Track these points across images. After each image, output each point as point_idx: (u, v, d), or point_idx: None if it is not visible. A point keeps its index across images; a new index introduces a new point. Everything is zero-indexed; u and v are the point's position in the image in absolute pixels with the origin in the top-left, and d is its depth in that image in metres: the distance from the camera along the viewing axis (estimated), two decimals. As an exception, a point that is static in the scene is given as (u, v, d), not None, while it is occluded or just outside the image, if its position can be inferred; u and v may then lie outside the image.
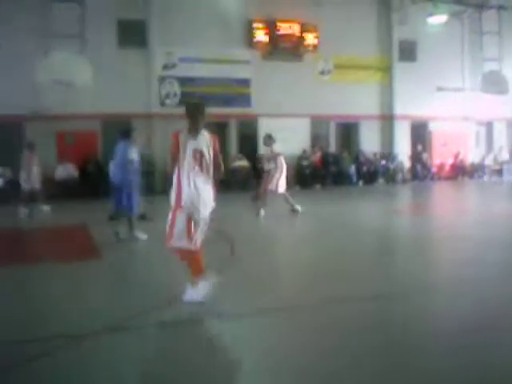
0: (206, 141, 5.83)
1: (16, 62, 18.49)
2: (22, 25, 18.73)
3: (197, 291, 5.70)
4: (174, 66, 21.21)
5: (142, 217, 10.88)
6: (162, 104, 21.05)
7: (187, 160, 5.69)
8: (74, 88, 17.03)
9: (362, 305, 5.81)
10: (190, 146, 5.72)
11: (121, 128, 10.52)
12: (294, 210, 13.19)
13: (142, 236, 9.82)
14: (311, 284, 6.71)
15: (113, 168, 10.16)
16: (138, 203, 9.96)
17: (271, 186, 13.16)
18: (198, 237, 5.80)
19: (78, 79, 16.61)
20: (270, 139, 13.43)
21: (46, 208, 15.10)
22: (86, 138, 19.34)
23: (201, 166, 5.72)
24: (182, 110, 18.99)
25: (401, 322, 5.35)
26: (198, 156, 5.72)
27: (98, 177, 17.53)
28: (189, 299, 5.72)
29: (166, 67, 21.15)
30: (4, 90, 18.41)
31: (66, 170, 18.74)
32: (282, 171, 13.24)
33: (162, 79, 21.14)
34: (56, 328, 5.25)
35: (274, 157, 13.16)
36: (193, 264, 5.81)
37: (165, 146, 19.85)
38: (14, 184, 18.67)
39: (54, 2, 18.37)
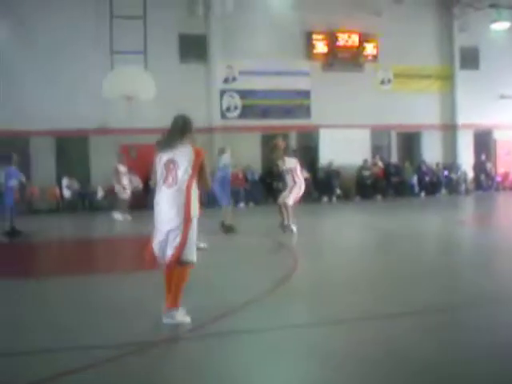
0: (186, 154, 5.60)
1: (82, 77, 19.19)
2: (88, 41, 19.43)
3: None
4: (234, 79, 21.51)
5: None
6: (224, 117, 21.34)
7: (160, 172, 5.62)
8: (138, 102, 17.44)
9: (432, 317, 5.75)
10: (165, 157, 5.62)
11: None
12: (283, 226, 11.98)
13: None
14: (387, 292, 6.68)
15: None
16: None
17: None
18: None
19: (142, 93, 17.01)
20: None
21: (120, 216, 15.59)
22: (149, 151, 19.77)
23: (174, 177, 5.54)
24: (242, 123, 19.48)
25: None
26: (172, 167, 5.56)
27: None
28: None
29: (226, 80, 21.47)
30: (71, 105, 19.11)
31: (133, 183, 19.21)
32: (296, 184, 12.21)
33: (223, 92, 21.44)
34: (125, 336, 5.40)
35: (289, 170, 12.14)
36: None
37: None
38: (80, 195, 19.35)
39: (118, 19, 18.93)
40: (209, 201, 13.56)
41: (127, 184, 16.45)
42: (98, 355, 4.85)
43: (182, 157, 5.57)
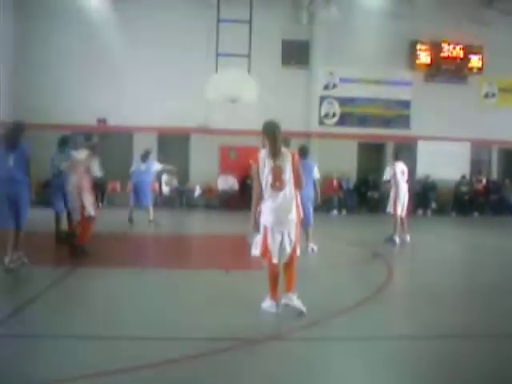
0: (285, 159, 5.98)
1: (186, 78, 19.81)
2: (194, 42, 20.03)
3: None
4: (334, 86, 21.53)
5: None
6: (321, 123, 21.40)
7: (266, 178, 5.94)
8: (241, 104, 17.78)
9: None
10: (270, 164, 5.93)
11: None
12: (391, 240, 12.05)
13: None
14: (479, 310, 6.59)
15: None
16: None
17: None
18: (276, 252, 6.00)
19: (245, 96, 17.31)
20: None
21: None
22: (248, 153, 20.06)
23: (281, 182, 5.92)
24: (340, 130, 19.34)
25: None
26: (278, 173, 5.91)
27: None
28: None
29: (326, 87, 21.52)
30: (175, 104, 19.76)
31: (227, 182, 19.65)
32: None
33: (323, 99, 21.50)
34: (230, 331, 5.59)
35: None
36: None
37: (321, 165, 20.24)
38: (179, 192, 19.95)
39: (224, 23, 19.35)
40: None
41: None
42: (203, 346, 5.08)
43: (286, 162, 5.96)
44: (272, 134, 5.99)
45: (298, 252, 6.15)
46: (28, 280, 7.66)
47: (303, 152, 10.50)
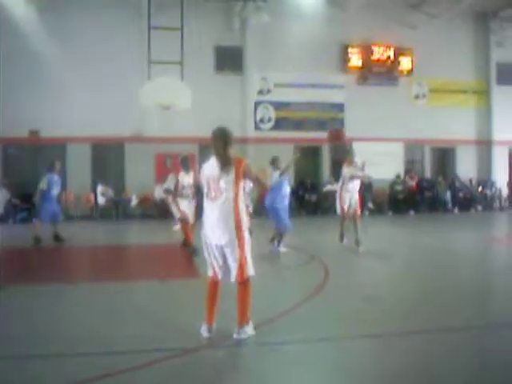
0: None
1: (119, 85, 19.52)
2: (126, 51, 19.79)
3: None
4: (268, 91, 21.64)
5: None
6: (257, 128, 21.46)
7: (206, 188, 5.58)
8: (174, 112, 17.65)
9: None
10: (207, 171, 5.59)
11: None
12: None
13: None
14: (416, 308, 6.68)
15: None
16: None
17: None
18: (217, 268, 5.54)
19: (179, 103, 17.19)
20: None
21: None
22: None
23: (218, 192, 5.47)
24: (276, 134, 19.47)
25: None
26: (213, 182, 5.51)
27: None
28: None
29: (261, 92, 21.60)
30: (108, 113, 19.44)
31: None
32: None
33: (258, 104, 21.56)
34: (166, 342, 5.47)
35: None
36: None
37: (257, 169, 20.26)
38: (115, 202, 19.63)
39: (156, 30, 19.17)
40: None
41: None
42: (138, 359, 4.95)
43: (228, 169, 5.49)
44: (215, 141, 5.60)
45: (250, 272, 5.48)
46: None
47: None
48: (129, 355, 5.09)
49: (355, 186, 11.92)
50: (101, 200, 19.31)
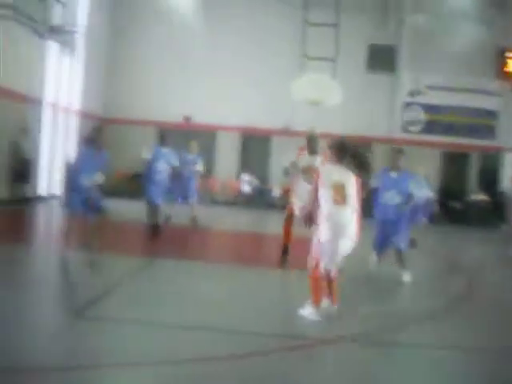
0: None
1: (272, 79, 20.10)
2: (281, 45, 20.31)
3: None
4: (419, 92, 21.20)
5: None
6: (405, 130, 21.13)
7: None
8: (323, 108, 17.85)
9: None
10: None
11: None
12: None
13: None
14: None
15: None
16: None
17: None
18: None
19: (329, 99, 17.37)
20: None
21: None
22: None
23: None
24: (423, 138, 18.91)
25: None
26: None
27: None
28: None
29: (411, 93, 21.22)
30: (258, 104, 20.10)
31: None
32: None
33: (407, 105, 21.24)
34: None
35: None
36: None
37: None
38: (259, 191, 20.28)
39: (311, 27, 19.43)
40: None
41: None
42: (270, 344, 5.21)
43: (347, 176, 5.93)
44: (343, 151, 6.04)
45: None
46: (112, 268, 7.89)
47: None
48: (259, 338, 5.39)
49: None
50: (246, 188, 19.99)
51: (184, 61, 20.50)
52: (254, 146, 21.18)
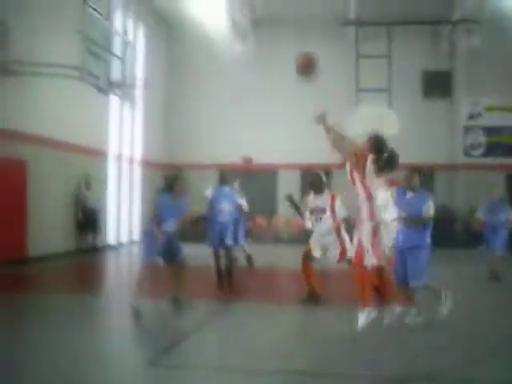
0: None
1: (329, 115, 20.13)
2: (335, 79, 20.43)
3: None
4: (479, 115, 20.88)
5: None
6: (467, 154, 20.78)
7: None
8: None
9: None
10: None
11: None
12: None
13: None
14: None
15: None
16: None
17: None
18: None
19: (385, 130, 17.31)
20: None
21: None
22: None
23: None
24: (486, 161, 18.47)
25: None
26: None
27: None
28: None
29: (471, 116, 20.92)
30: (315, 140, 20.02)
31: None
32: None
33: (467, 129, 20.92)
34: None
35: None
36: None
37: (468, 197, 19.61)
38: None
39: (364, 59, 19.53)
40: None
41: None
42: None
43: None
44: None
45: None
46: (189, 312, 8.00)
47: None
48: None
49: None
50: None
51: (239, 103, 20.93)
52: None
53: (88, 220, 15.46)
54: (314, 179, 9.08)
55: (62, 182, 14.62)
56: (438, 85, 21.16)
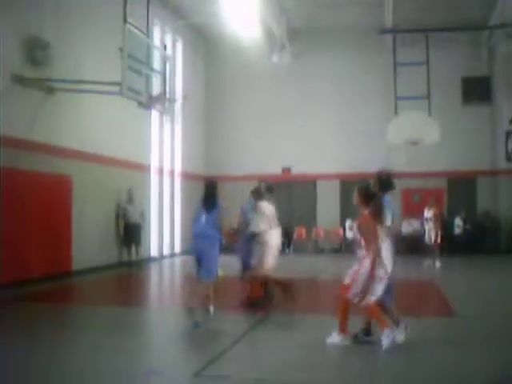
0: None
1: (366, 122, 20.22)
2: (373, 88, 20.46)
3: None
4: (520, 119, 20.54)
5: None
6: (509, 159, 20.44)
7: None
8: (422, 146, 17.70)
9: None
10: None
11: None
12: None
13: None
14: None
15: None
16: None
17: None
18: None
19: (426, 138, 17.23)
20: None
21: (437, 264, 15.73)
22: (433, 195, 19.45)
23: None
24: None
25: None
26: None
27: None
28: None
29: (512, 122, 20.60)
30: (354, 149, 20.22)
31: (411, 226, 19.40)
32: None
33: (509, 134, 20.58)
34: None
35: None
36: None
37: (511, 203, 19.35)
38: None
39: (400, 66, 19.39)
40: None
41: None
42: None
43: None
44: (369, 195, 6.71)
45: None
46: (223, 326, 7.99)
47: None
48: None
49: None
50: (349, 234, 19.87)
51: (277, 114, 21.03)
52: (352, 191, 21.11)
53: (130, 233, 15.69)
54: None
55: (104, 196, 14.90)
56: (477, 90, 20.92)
